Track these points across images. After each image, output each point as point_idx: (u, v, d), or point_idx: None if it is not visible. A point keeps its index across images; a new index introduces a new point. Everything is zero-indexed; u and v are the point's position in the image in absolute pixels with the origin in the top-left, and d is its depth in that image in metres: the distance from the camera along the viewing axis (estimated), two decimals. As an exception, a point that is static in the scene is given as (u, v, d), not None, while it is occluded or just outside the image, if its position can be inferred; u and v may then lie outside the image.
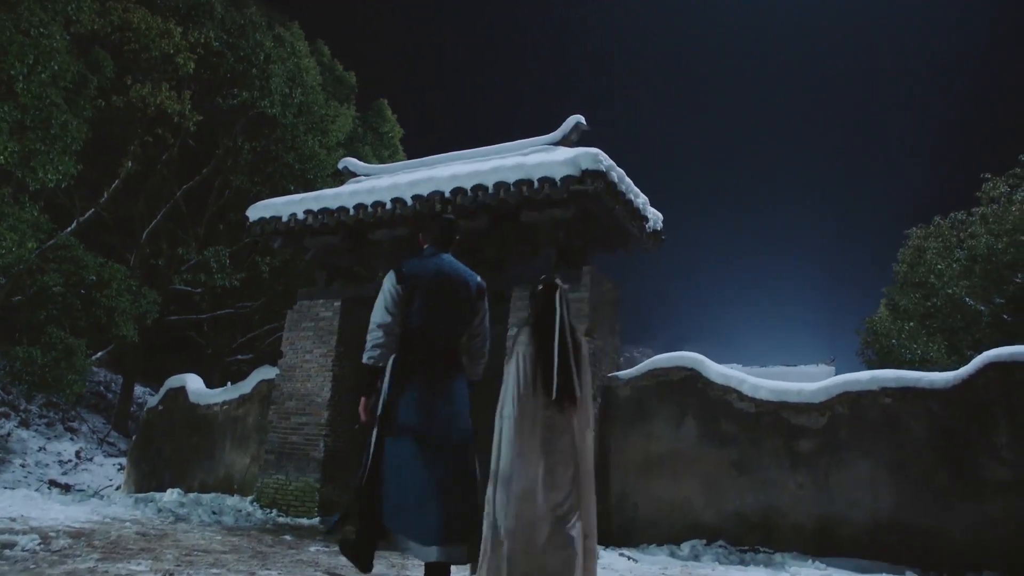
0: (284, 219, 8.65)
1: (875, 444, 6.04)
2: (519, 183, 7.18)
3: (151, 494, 8.77)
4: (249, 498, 8.81)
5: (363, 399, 3.67)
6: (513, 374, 3.45)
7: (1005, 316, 13.81)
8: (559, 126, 8.47)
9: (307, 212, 8.45)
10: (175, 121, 13.47)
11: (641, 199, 7.79)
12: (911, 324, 14.01)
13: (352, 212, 8.16)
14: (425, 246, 3.90)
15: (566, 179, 6.93)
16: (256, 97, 14.80)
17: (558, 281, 3.67)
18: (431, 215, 5.46)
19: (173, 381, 11.41)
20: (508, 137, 8.92)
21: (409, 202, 7.81)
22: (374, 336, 3.59)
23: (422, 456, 3.43)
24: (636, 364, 7.60)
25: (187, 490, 10.13)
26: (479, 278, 3.86)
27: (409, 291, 3.60)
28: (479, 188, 7.39)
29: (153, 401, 11.70)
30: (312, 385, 8.65)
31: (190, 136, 15.60)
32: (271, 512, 8.28)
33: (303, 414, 8.59)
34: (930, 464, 5.81)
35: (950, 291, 14.24)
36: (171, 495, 8.45)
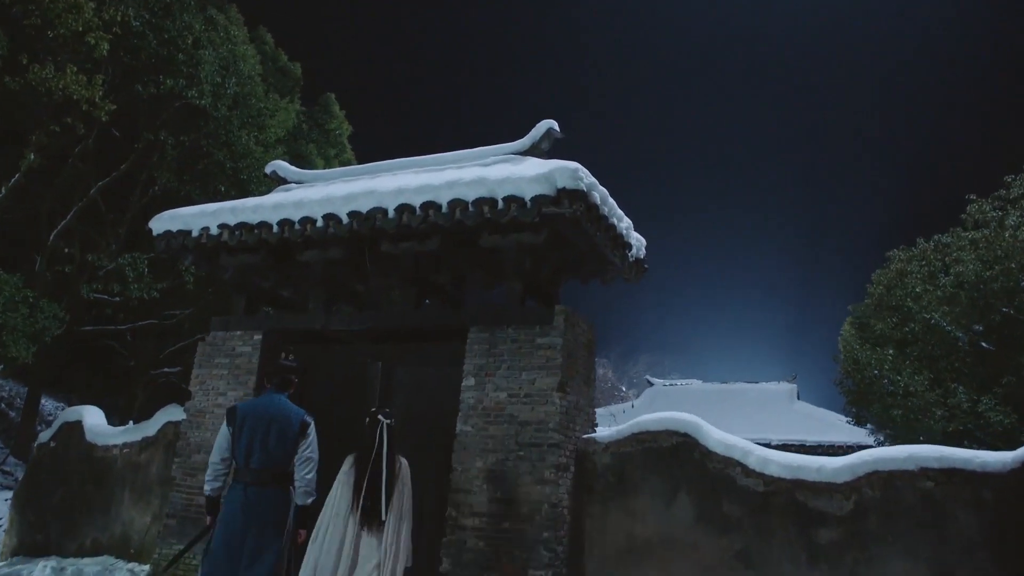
0: (194, 234, 7.14)
1: (913, 538, 4.91)
2: (479, 202, 5.85)
3: (17, 568, 7.16)
4: (144, 571, 7.28)
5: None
6: (332, 498, 4.55)
7: (983, 344, 13.09)
8: (528, 132, 7.17)
9: (222, 227, 6.96)
10: (84, 109, 11.71)
11: (624, 223, 6.54)
12: (891, 352, 13.17)
13: (276, 229, 6.71)
14: (268, 386, 4.99)
15: (538, 199, 5.64)
16: (183, 86, 13.13)
17: (380, 417, 4.70)
18: (274, 364, 5.49)
19: (68, 414, 9.72)
20: (471, 139, 7.57)
21: (345, 220, 6.41)
22: (208, 472, 4.69)
23: (228, 551, 4.42)
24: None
25: (77, 550, 8.53)
26: (305, 416, 4.71)
27: (238, 430, 4.60)
28: (430, 206, 6.04)
29: (45, 436, 9.97)
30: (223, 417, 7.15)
31: (113, 127, 13.84)
32: (168, 593, 6.77)
33: (212, 471, 7.09)
34: (983, 566, 4.70)
35: (927, 316, 13.47)
36: (42, 571, 6.87)
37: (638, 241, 6.98)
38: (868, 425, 14.64)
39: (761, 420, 22.73)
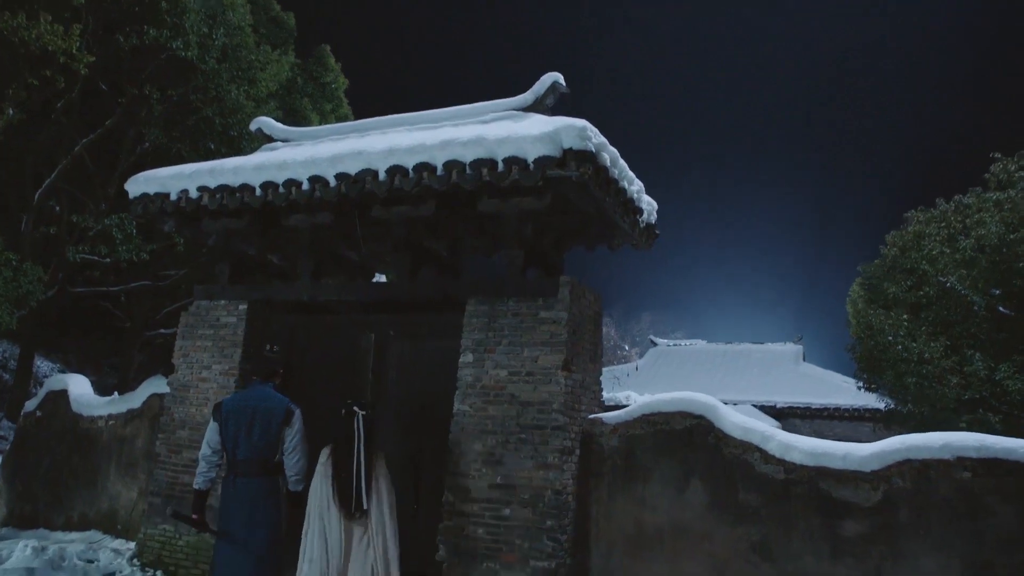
0: (173, 197, 6.63)
1: (947, 532, 4.54)
2: (477, 163, 5.33)
3: (-2, 548, 6.85)
4: (131, 549, 6.98)
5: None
6: (316, 492, 4.62)
7: (1002, 309, 12.63)
8: (531, 87, 6.60)
9: (201, 190, 6.46)
10: (62, 62, 11.07)
11: (636, 187, 6.03)
12: (905, 317, 12.71)
13: (259, 193, 6.20)
14: (255, 378, 5.09)
15: (542, 161, 5.12)
16: (167, 36, 12.44)
17: (356, 408, 4.67)
18: (259, 356, 5.63)
19: (54, 382, 9.37)
20: (474, 92, 6.98)
21: (332, 183, 5.90)
22: (200, 465, 4.86)
23: (229, 555, 4.62)
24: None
25: (65, 523, 8.26)
26: (290, 405, 4.74)
27: (224, 424, 4.71)
28: (423, 168, 5.53)
29: (31, 404, 9.62)
30: (208, 412, 6.78)
31: (100, 81, 13.20)
32: (155, 574, 6.49)
33: (198, 449, 6.72)
34: None
35: (943, 280, 12.99)
36: (23, 551, 6.56)
37: (649, 205, 6.48)
38: (879, 392, 14.27)
39: (766, 382, 22.45)
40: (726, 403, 18.62)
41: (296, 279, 6.80)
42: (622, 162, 5.67)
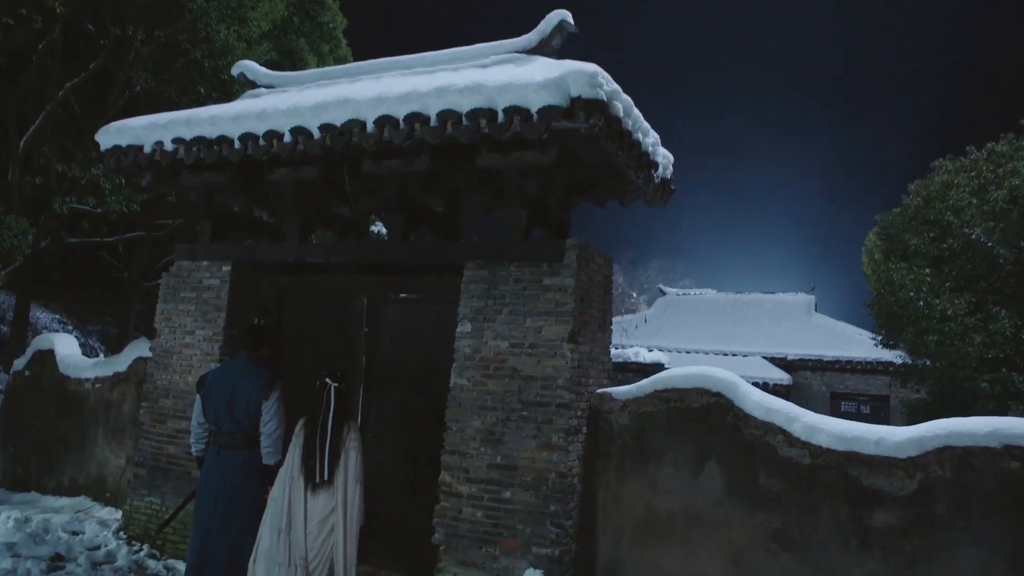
0: (147, 150, 6.10)
1: (990, 526, 4.13)
2: (475, 114, 4.77)
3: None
4: (118, 520, 6.71)
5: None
6: (288, 461, 4.59)
7: (1031, 263, 12.04)
8: (536, 26, 5.95)
9: (177, 142, 5.91)
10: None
11: (651, 138, 5.45)
12: (927, 271, 12.14)
13: (238, 145, 5.66)
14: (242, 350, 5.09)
15: (547, 111, 4.54)
16: (149, -29, 11.64)
17: (328, 380, 4.62)
18: (246, 327, 5.30)
19: (41, 341, 9.04)
20: (477, 32, 6.33)
21: (316, 134, 5.35)
22: (192, 436, 4.99)
23: (208, 527, 4.69)
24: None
25: (55, 487, 8.03)
26: (269, 379, 4.72)
27: (206, 397, 4.79)
28: (416, 119, 4.96)
29: (20, 363, 9.32)
30: (194, 380, 6.39)
31: (87, 21, 12.47)
32: (140, 550, 6.22)
33: (183, 418, 6.38)
34: (1074, 565, 3.93)
35: (968, 232, 12.38)
36: (5, 524, 6.29)
37: (665, 159, 5.90)
38: (898, 349, 13.82)
39: (777, 333, 22.03)
40: (735, 355, 18.34)
41: (283, 238, 6.31)
42: (636, 112, 5.09)
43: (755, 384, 19.58)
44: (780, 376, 19.17)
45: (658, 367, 11.96)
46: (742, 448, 4.73)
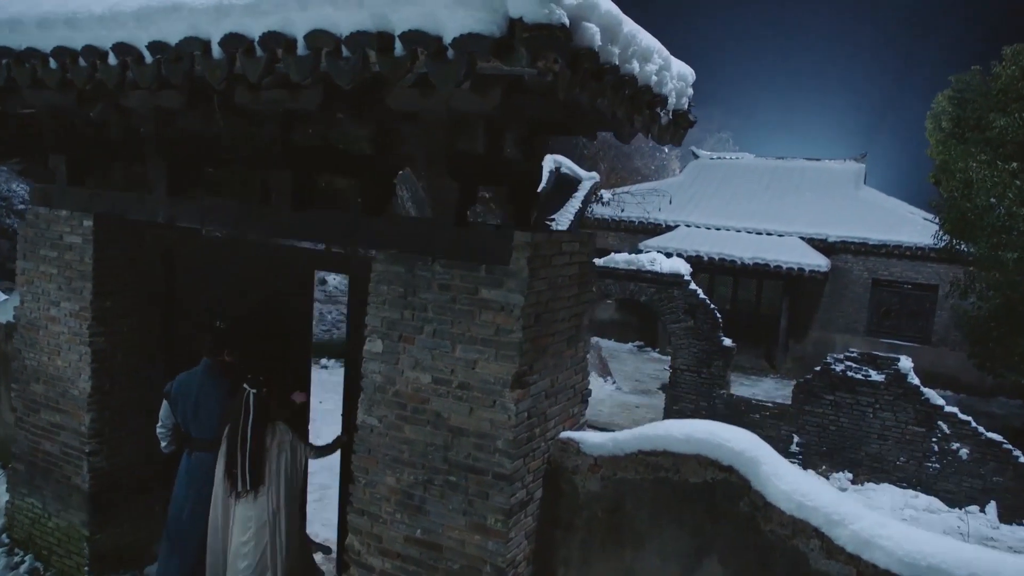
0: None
1: None
2: (358, 41, 2.91)
3: None
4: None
5: None
6: (216, 472, 4.46)
7: None
8: None
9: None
10: None
11: (654, 64, 3.50)
12: (1015, 166, 9.96)
13: (54, 65, 3.89)
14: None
15: (467, 43, 2.68)
16: None
17: (246, 386, 4.33)
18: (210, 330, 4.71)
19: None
20: None
21: (147, 56, 3.54)
22: (159, 434, 4.78)
23: (173, 514, 4.68)
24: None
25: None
26: (230, 387, 4.46)
27: (174, 404, 4.61)
28: (276, 42, 3.12)
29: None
30: (64, 364, 5.04)
31: None
32: (23, 560, 5.20)
33: (57, 410, 5.11)
34: None
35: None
36: None
37: (679, 83, 3.96)
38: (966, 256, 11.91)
39: (819, 209, 19.89)
40: (771, 235, 16.47)
41: (148, 192, 4.64)
42: (629, 26, 3.14)
43: (788, 271, 17.90)
44: (817, 262, 17.38)
45: (676, 279, 10.35)
46: (758, 549, 3.27)
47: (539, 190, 4.37)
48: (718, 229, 19.85)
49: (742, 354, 18.76)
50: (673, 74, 3.87)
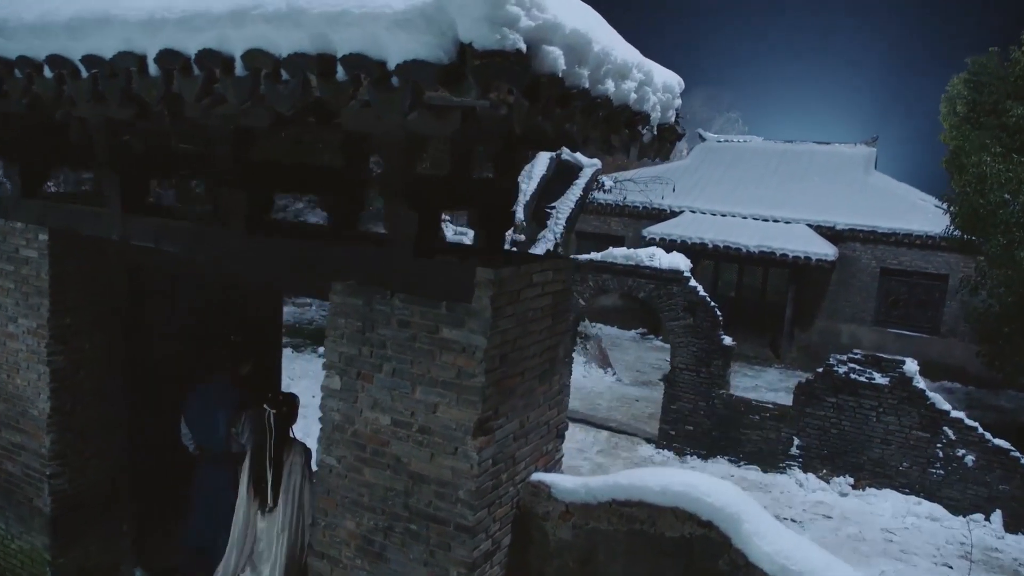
0: None
1: None
2: (297, 63, 2.63)
3: None
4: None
5: None
6: (240, 489, 4.52)
7: None
8: None
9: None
10: None
11: (633, 79, 3.18)
12: (1030, 159, 9.56)
13: (-13, 75, 3.61)
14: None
15: (411, 70, 2.39)
16: None
17: (266, 406, 4.43)
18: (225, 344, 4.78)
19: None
20: None
21: (82, 71, 3.27)
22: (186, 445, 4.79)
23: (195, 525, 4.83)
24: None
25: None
26: (235, 406, 4.46)
27: (187, 419, 4.67)
28: (213, 61, 2.84)
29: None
30: (23, 383, 4.83)
31: None
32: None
33: (17, 430, 4.91)
34: None
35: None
36: None
37: (664, 96, 3.64)
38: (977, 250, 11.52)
39: (828, 194, 19.44)
40: (777, 221, 16.22)
41: (102, 208, 4.38)
42: (603, 44, 2.83)
43: (794, 260, 17.51)
44: (824, 251, 17.01)
45: (675, 275, 10.05)
46: (738, 612, 3.03)
47: (538, 184, 4.09)
48: (723, 215, 19.46)
49: (746, 343, 18.51)
50: (658, 86, 3.55)
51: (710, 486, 3.12)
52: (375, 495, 3.41)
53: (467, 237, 13.89)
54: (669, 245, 18.01)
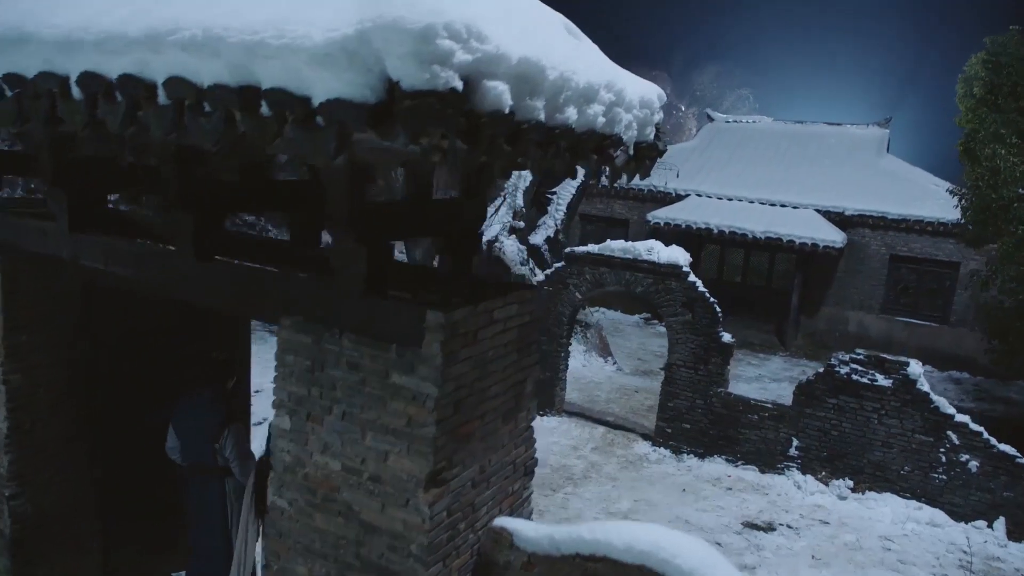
0: None
1: None
2: (218, 96, 2.38)
3: None
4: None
5: None
6: (244, 500, 4.38)
7: None
8: None
9: None
10: None
11: (600, 106, 2.91)
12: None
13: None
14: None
15: (335, 109, 2.14)
16: None
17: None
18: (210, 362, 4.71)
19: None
20: None
21: (7, 89, 3.04)
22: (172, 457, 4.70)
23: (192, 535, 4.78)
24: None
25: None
26: (220, 420, 4.40)
27: (172, 431, 4.60)
28: (135, 87, 2.59)
29: None
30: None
31: None
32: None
33: (-23, 450, 4.76)
34: None
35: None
36: None
37: (641, 112, 3.36)
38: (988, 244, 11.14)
39: (838, 177, 18.99)
40: (785, 206, 15.89)
41: (50, 228, 4.16)
42: (561, 70, 2.56)
43: (801, 246, 17.11)
44: (832, 238, 16.62)
45: (674, 270, 9.77)
46: None
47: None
48: (730, 199, 19.06)
49: (751, 329, 18.24)
50: (633, 103, 3.28)
51: (678, 546, 2.90)
52: (327, 542, 3.22)
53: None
54: (673, 230, 17.69)
